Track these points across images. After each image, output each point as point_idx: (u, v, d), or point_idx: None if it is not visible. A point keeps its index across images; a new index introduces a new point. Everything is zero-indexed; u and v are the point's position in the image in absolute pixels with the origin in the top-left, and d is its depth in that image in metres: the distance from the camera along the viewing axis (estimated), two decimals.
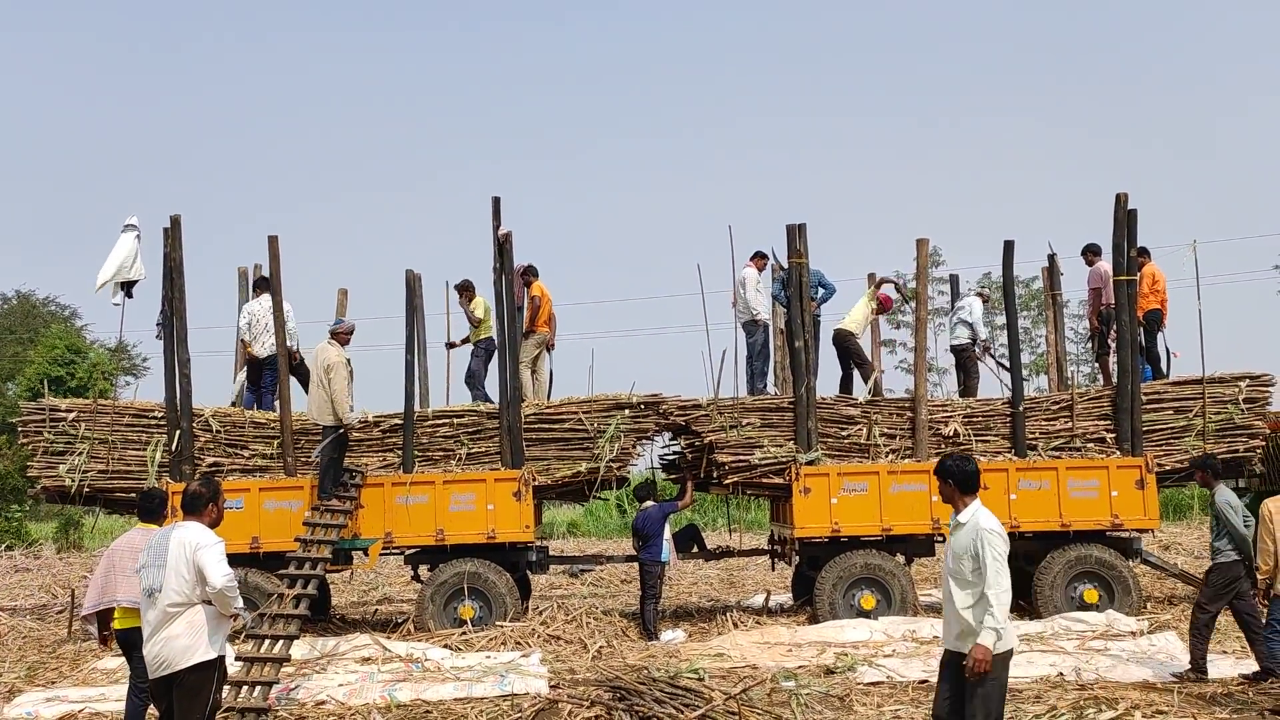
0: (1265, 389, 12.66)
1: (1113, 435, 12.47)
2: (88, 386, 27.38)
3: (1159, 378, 13.05)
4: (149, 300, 13.09)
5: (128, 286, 12.85)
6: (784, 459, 12.18)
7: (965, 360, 13.81)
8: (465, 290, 13.86)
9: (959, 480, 5.54)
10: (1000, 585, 5.28)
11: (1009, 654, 5.41)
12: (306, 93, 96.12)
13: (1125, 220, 12.59)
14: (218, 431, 12.39)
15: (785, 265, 12.90)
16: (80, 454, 12.10)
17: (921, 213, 76.53)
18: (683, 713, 7.52)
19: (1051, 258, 14.54)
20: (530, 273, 13.46)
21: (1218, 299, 32.85)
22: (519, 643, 10.87)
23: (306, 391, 12.05)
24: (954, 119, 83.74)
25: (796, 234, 12.66)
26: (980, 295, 14.65)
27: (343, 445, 11.66)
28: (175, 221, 12.36)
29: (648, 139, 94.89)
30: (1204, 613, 8.81)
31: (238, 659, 8.69)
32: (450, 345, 14.32)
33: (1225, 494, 8.88)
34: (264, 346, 12.87)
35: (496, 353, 12.64)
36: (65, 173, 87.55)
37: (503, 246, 12.57)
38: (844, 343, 13.38)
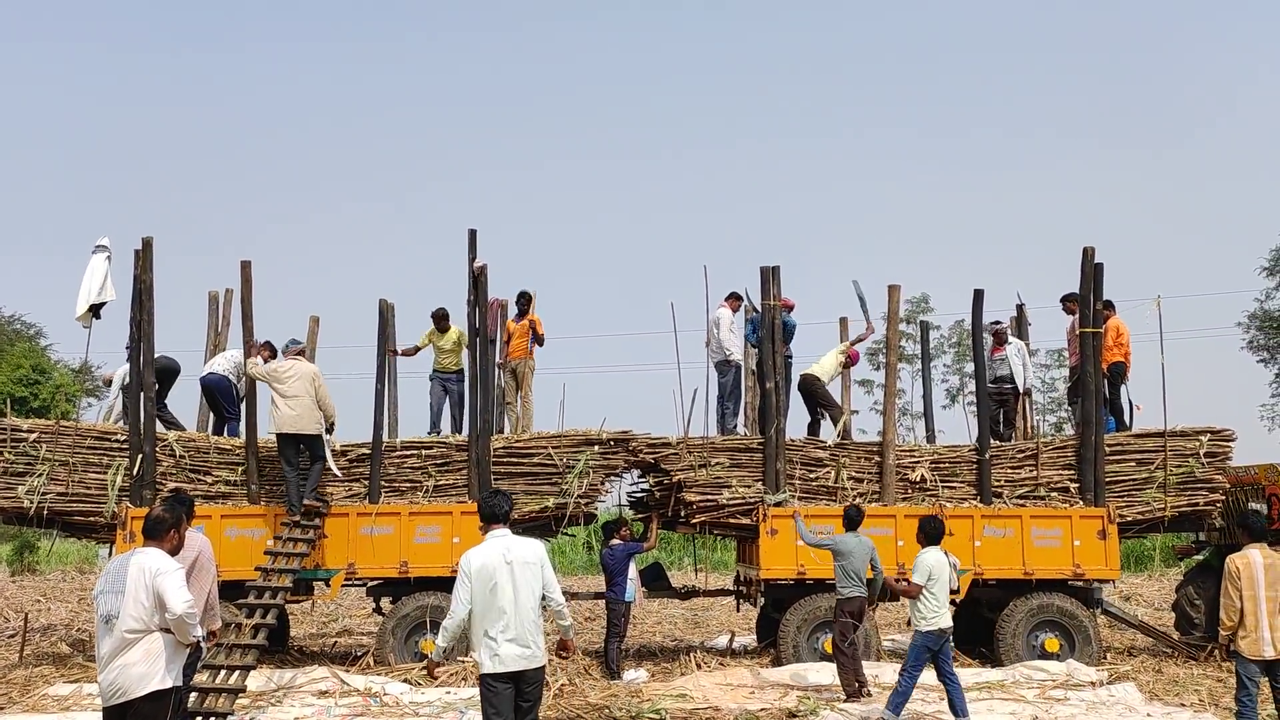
0: (1226, 444, 12.82)
1: (1076, 485, 12.59)
2: (50, 407, 26.98)
3: (1122, 430, 13.21)
4: (116, 321, 12.96)
5: (96, 308, 12.73)
6: (752, 499, 12.20)
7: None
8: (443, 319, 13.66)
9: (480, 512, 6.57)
10: (449, 611, 6.09)
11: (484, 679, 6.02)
12: (282, 114, 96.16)
13: (1092, 273, 12.80)
14: (181, 457, 12.24)
15: (758, 307, 12.99)
16: (40, 475, 11.92)
17: (897, 258, 77.35)
18: None
19: (1020, 308, 14.73)
20: (529, 299, 13.61)
21: (1181, 353, 33.41)
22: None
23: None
24: (930, 166, 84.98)
25: (770, 276, 12.78)
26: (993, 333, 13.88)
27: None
28: (147, 244, 12.28)
29: (624, 174, 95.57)
30: (848, 645, 10.16)
31: (191, 689, 8.54)
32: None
33: (844, 540, 10.26)
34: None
35: (470, 384, 12.57)
36: (32, 189, 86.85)
37: (477, 279, 12.61)
38: (810, 388, 13.45)
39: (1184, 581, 14.05)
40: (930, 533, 8.92)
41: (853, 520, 10.46)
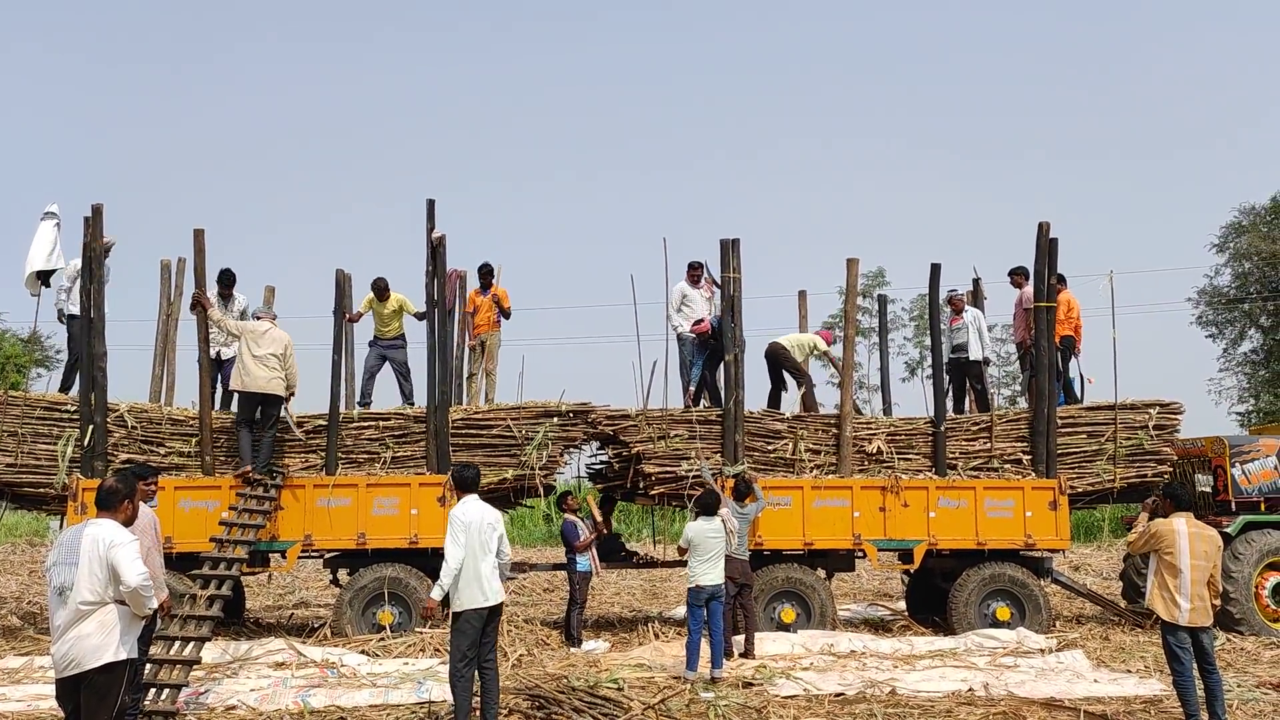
0: (1174, 416, 13.08)
1: (1029, 457, 12.79)
2: None
3: (1073, 403, 13.41)
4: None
5: (44, 276, 12.48)
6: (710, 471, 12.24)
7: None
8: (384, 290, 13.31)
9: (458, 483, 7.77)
10: (446, 560, 7.34)
11: (463, 613, 7.33)
12: (239, 83, 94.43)
13: (1047, 248, 12.93)
14: (133, 427, 12.07)
15: (719, 280, 12.99)
16: None
17: (857, 233, 77.76)
18: None
19: (976, 282, 14.87)
20: (491, 272, 13.50)
21: (1132, 328, 33.95)
22: (438, 649, 10.75)
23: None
24: (887, 142, 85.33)
25: (730, 249, 12.78)
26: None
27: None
28: (97, 211, 12.03)
29: (587, 146, 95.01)
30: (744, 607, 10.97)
31: (146, 660, 8.46)
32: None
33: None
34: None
35: (428, 355, 12.46)
36: None
37: (436, 249, 12.49)
38: (776, 356, 13.48)
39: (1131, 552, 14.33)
40: (704, 505, 10.07)
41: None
